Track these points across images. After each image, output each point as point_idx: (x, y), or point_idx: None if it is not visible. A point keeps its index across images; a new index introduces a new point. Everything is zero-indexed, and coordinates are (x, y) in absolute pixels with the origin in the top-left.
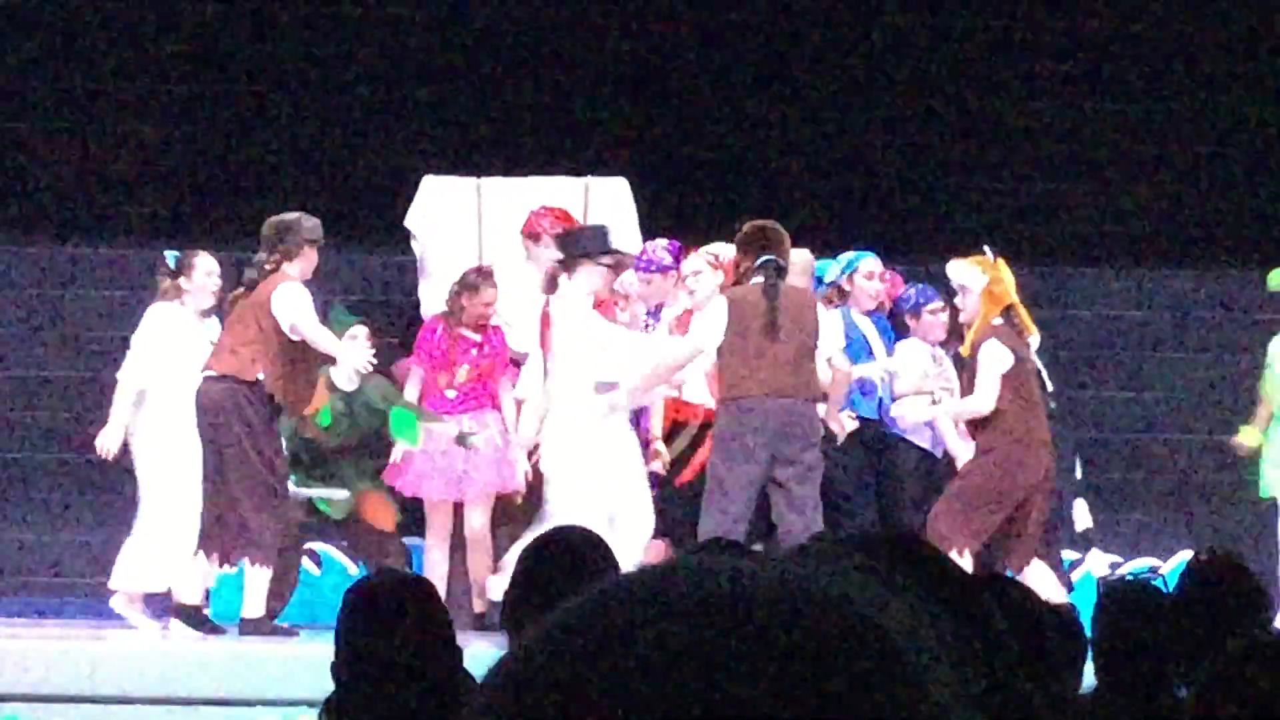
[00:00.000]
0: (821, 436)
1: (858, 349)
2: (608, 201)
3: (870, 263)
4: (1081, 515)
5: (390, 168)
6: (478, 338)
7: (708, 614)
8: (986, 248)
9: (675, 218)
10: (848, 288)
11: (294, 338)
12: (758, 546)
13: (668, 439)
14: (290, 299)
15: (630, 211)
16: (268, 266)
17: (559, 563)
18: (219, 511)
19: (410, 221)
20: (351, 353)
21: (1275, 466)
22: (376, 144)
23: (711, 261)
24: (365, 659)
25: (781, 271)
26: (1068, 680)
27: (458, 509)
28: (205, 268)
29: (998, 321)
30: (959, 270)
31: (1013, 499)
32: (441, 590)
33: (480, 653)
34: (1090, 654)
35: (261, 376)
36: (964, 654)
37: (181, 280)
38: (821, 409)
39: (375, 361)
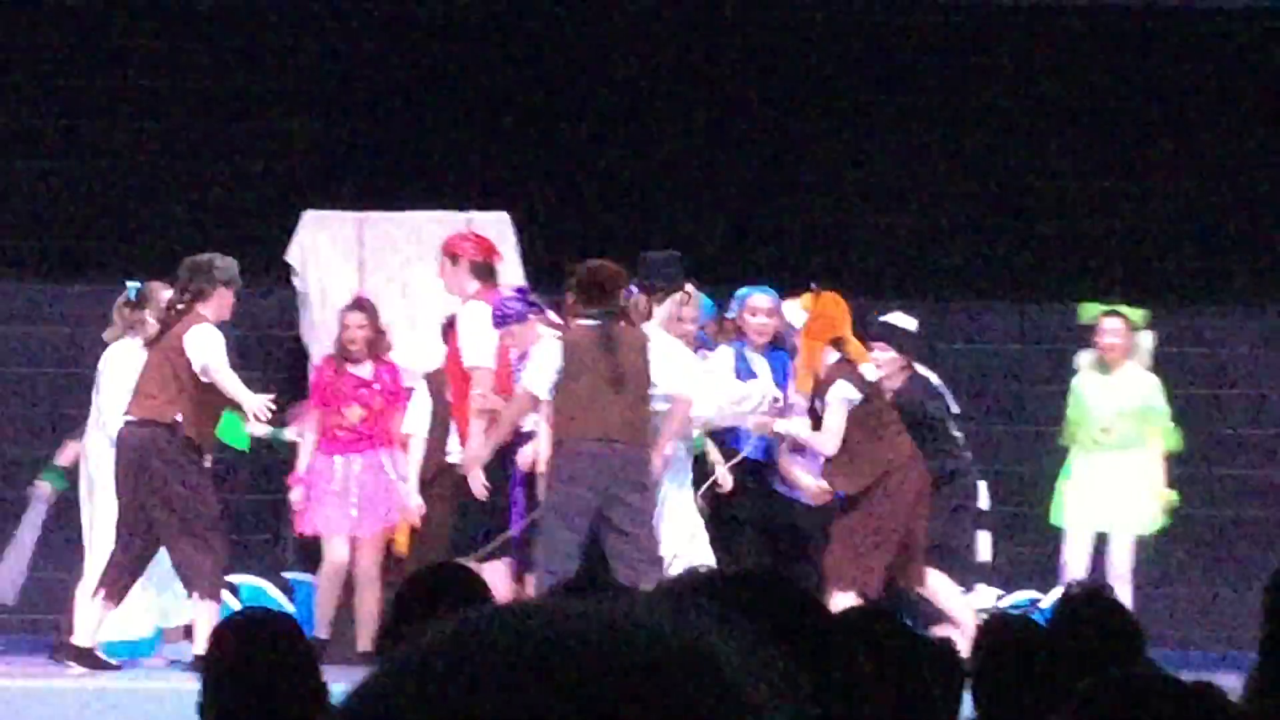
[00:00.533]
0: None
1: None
2: (490, 235)
3: (757, 299)
4: (984, 547)
5: (270, 202)
6: (368, 375)
7: (530, 656)
8: (812, 284)
9: (555, 252)
10: (741, 323)
11: (204, 379)
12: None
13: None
14: (202, 340)
15: (512, 245)
16: (180, 306)
17: (430, 596)
18: (132, 555)
19: (290, 256)
20: (255, 400)
21: (1085, 495)
22: (256, 178)
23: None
24: (229, 697)
25: (619, 315)
26: (944, 712)
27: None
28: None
29: (835, 359)
30: (788, 311)
31: (893, 531)
32: (325, 627)
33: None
34: (969, 686)
35: (179, 418)
36: (817, 688)
37: (147, 312)
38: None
39: (274, 407)
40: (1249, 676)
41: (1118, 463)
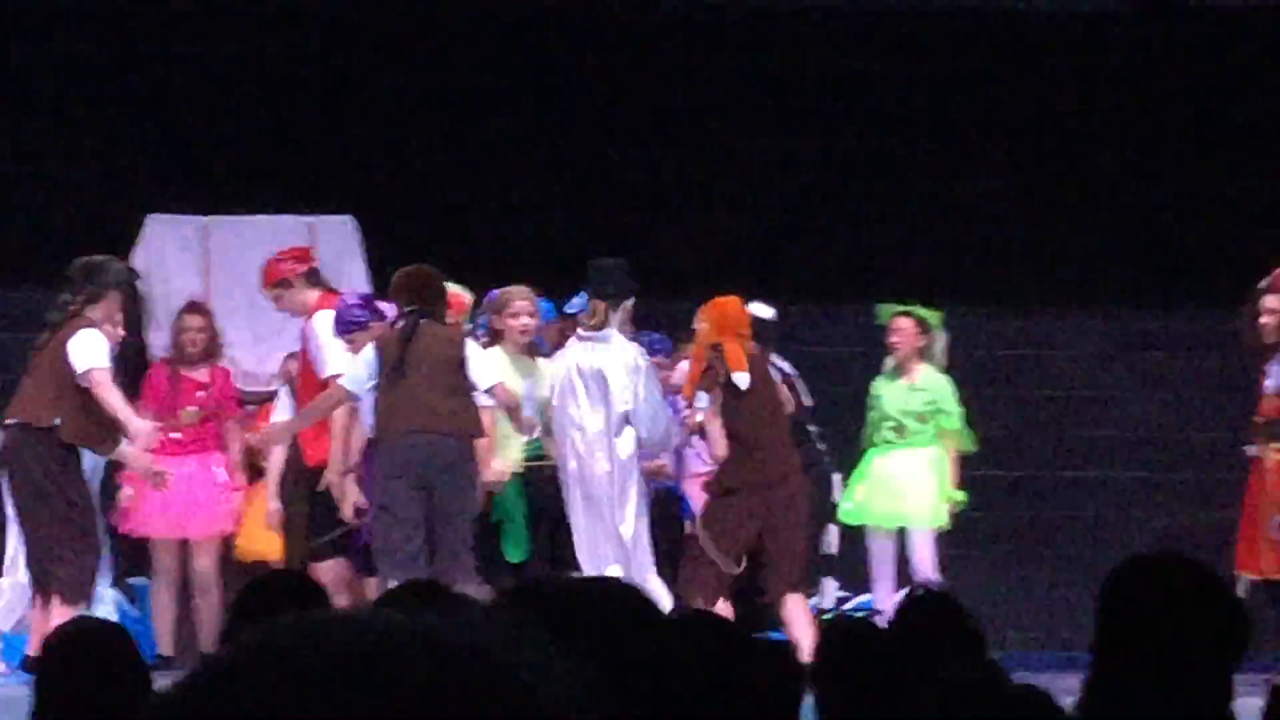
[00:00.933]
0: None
1: None
2: (335, 239)
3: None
4: (831, 540)
5: (114, 206)
6: (203, 378)
7: (318, 666)
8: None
9: (401, 255)
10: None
11: (83, 385)
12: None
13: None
14: (86, 345)
15: (358, 249)
16: (71, 308)
17: (268, 602)
18: (36, 555)
19: (135, 261)
20: (140, 425)
21: (874, 493)
22: (99, 182)
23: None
24: (59, 706)
25: (427, 316)
26: (783, 716)
27: (184, 550)
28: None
29: (707, 367)
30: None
31: (744, 541)
32: (168, 631)
33: None
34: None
35: (58, 422)
36: (648, 694)
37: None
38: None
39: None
40: (1084, 679)
41: (908, 460)
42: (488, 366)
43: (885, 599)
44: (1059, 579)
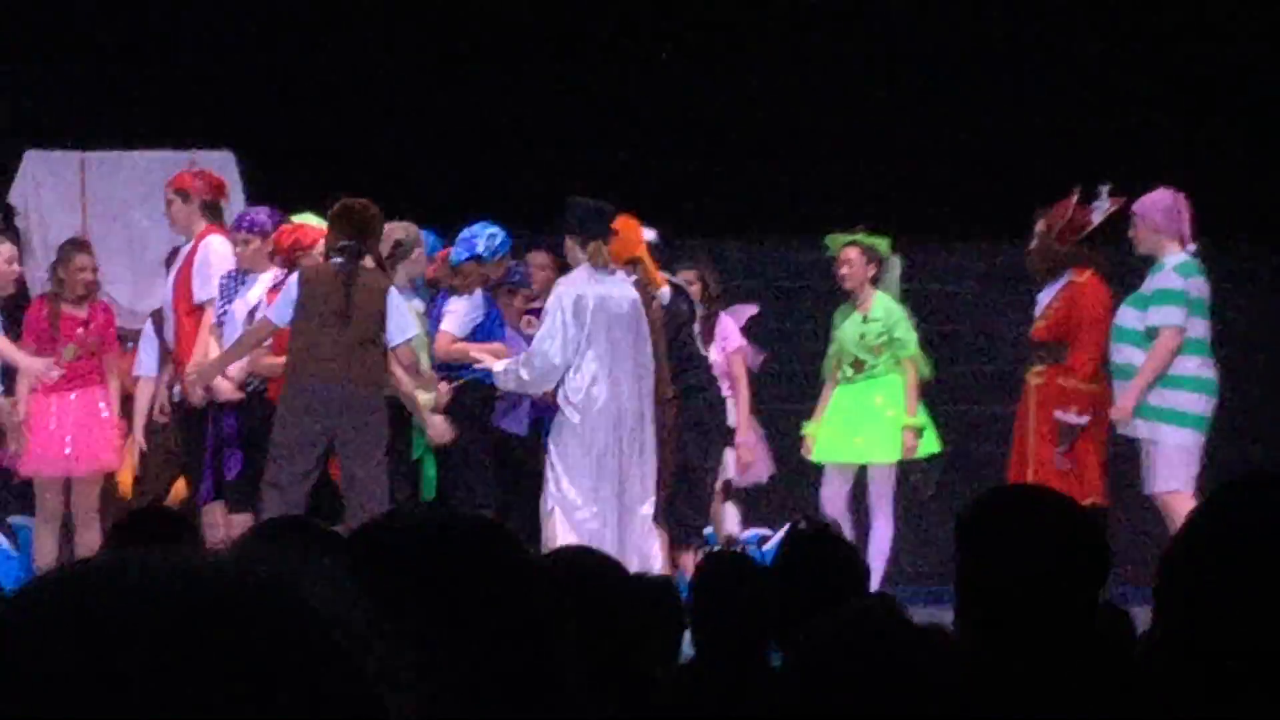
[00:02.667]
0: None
1: (496, 323)
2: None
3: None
4: (730, 465)
5: None
6: (83, 314)
7: (114, 602)
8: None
9: (280, 190)
10: (494, 266)
11: None
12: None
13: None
14: None
15: (236, 183)
16: None
17: (142, 539)
18: None
19: (14, 197)
20: (31, 363)
21: (835, 428)
22: None
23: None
24: None
25: (364, 255)
26: (664, 651)
27: (67, 488)
28: (4, 255)
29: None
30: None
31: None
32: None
33: None
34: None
35: None
36: (519, 630)
37: None
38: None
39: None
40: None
41: (867, 393)
42: (404, 322)
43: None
44: (946, 513)
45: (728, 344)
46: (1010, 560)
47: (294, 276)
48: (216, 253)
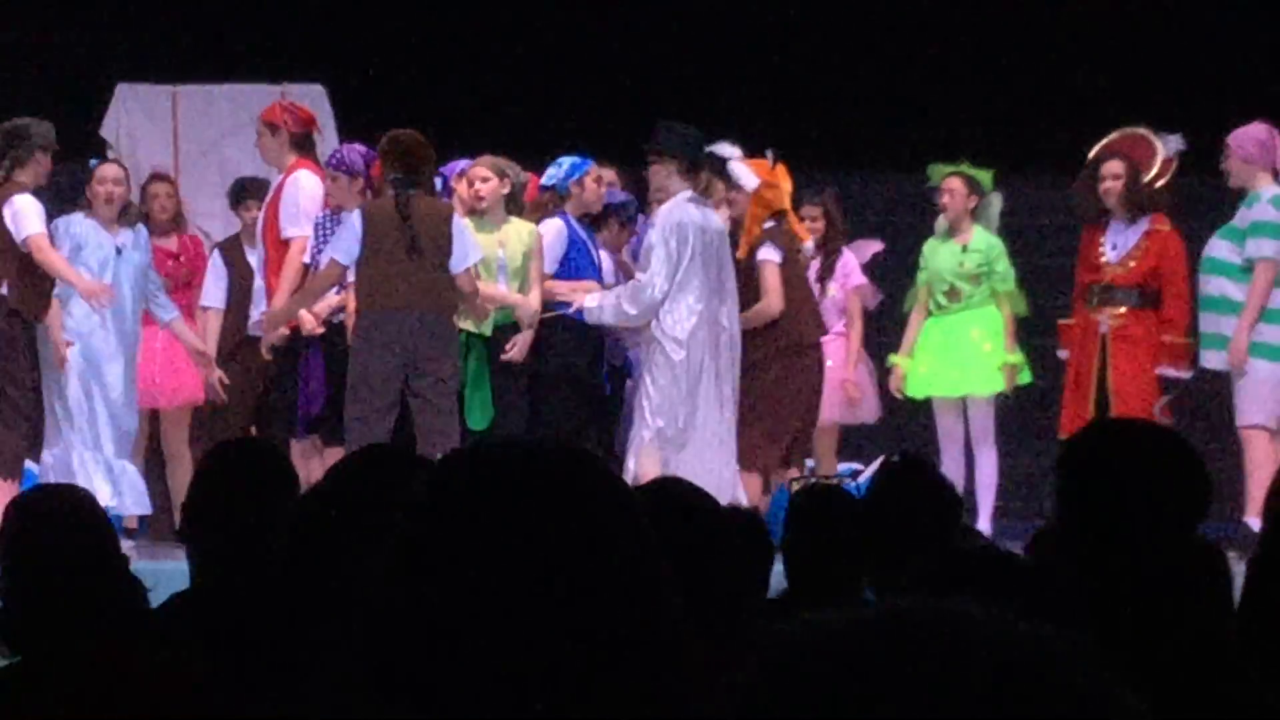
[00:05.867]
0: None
1: (581, 252)
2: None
3: (596, 168)
4: None
5: (84, 75)
6: (173, 247)
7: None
8: (769, 152)
9: (373, 124)
10: (575, 191)
11: (24, 250)
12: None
13: None
14: (21, 210)
15: (328, 118)
16: None
17: (231, 473)
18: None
19: (105, 130)
20: (88, 284)
21: (933, 362)
22: (69, 51)
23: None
24: (28, 570)
25: (417, 185)
26: (753, 584)
27: (153, 421)
28: (99, 175)
29: (769, 225)
30: (736, 170)
31: (798, 407)
32: (148, 502)
33: (180, 565)
34: (781, 558)
35: (3, 291)
36: (612, 562)
37: (88, 189)
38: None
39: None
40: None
41: (962, 325)
42: (467, 248)
43: (955, 470)
44: (1036, 449)
45: (848, 280)
46: (1115, 490)
47: (355, 214)
48: (304, 188)
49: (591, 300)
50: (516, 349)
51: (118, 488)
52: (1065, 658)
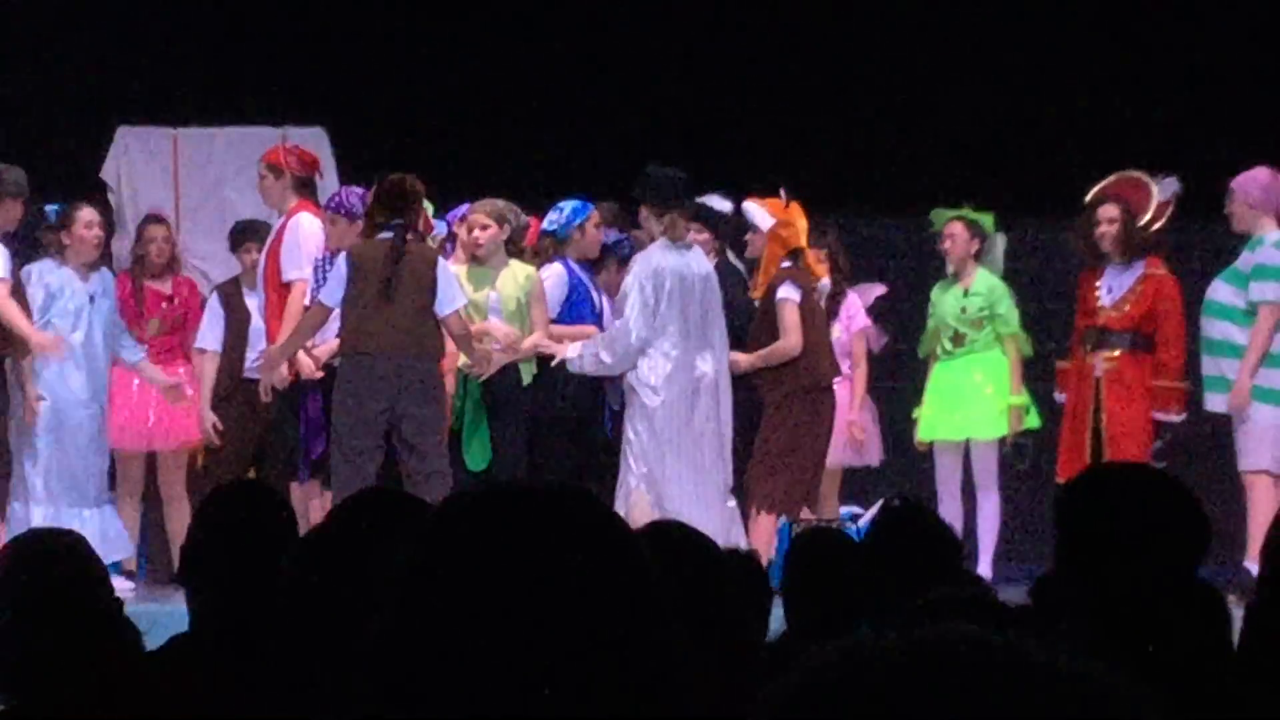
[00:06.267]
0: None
1: (582, 296)
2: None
3: (597, 213)
4: None
5: (85, 117)
6: (167, 289)
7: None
8: (782, 190)
9: (373, 168)
10: (576, 237)
11: None
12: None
13: None
14: None
15: (329, 161)
16: None
17: (230, 514)
18: None
19: (106, 173)
20: (38, 337)
21: (939, 406)
22: (70, 93)
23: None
24: (21, 615)
25: (409, 231)
26: (751, 626)
27: (150, 463)
28: (85, 219)
29: (787, 264)
30: (751, 210)
31: (817, 448)
32: (133, 545)
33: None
34: (781, 600)
35: None
36: (609, 604)
37: (63, 235)
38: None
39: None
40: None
41: (966, 369)
42: (452, 292)
43: (953, 514)
44: (1042, 492)
45: (853, 323)
46: (1113, 535)
47: (341, 256)
48: (305, 231)
49: (572, 351)
50: (479, 367)
51: (99, 534)
52: (1099, 683)
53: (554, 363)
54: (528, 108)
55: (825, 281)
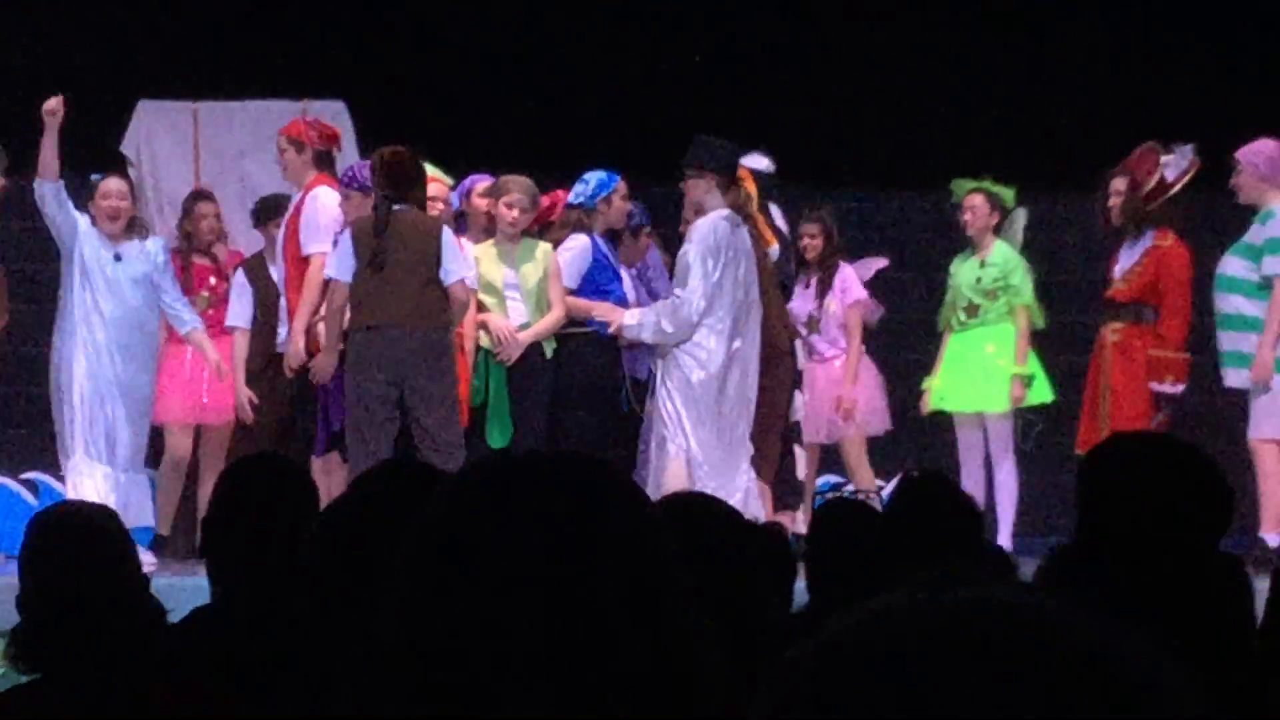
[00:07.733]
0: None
1: (603, 269)
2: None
3: (623, 184)
4: (797, 408)
5: (105, 92)
6: (214, 264)
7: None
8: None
9: (393, 141)
10: (603, 209)
11: None
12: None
13: None
14: None
15: (350, 134)
16: None
17: (252, 489)
18: None
19: (126, 147)
20: None
21: (954, 377)
22: (90, 67)
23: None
24: (48, 588)
25: (403, 201)
26: (775, 598)
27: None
28: (101, 190)
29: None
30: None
31: (775, 413)
32: (167, 523)
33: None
34: (803, 572)
35: None
36: (632, 577)
37: (90, 205)
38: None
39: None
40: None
41: (979, 340)
42: (457, 261)
43: (974, 485)
44: (1060, 464)
45: (846, 296)
46: (1136, 506)
47: (346, 232)
48: (324, 205)
49: (631, 318)
50: (505, 350)
51: (122, 500)
52: (1129, 644)
53: (611, 329)
54: (547, 81)
55: (775, 248)
